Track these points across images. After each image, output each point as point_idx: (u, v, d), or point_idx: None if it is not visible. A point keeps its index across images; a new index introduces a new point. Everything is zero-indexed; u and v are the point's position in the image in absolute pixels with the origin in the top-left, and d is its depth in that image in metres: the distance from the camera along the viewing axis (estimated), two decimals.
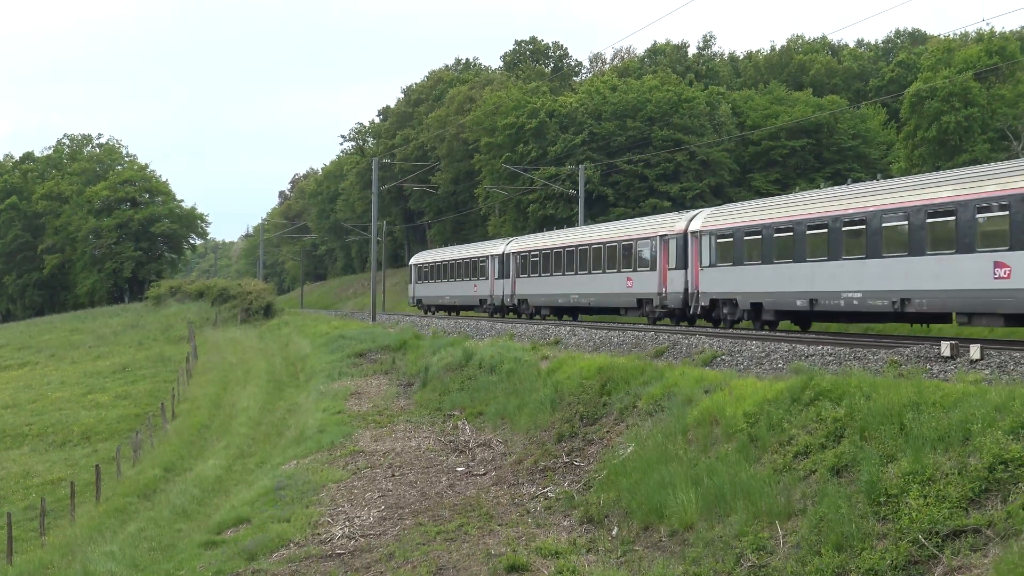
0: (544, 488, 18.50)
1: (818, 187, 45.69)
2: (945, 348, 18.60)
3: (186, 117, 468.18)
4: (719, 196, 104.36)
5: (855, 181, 36.02)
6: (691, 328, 34.97)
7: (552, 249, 49.16)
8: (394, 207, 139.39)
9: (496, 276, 55.13)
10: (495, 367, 29.22)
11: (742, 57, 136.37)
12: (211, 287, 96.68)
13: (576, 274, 46.07)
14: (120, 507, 27.79)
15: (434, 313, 67.13)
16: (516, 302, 52.70)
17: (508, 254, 54.21)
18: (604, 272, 43.22)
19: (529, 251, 51.84)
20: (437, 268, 66.59)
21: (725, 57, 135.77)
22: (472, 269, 59.26)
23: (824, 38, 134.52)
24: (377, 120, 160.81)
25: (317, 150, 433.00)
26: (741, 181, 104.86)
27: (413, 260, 75.75)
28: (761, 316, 32.09)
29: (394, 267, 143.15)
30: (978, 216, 23.31)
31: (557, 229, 62.55)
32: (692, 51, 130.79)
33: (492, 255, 56.13)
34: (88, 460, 39.05)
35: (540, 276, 49.80)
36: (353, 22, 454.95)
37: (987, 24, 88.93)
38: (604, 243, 43.66)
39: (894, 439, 12.45)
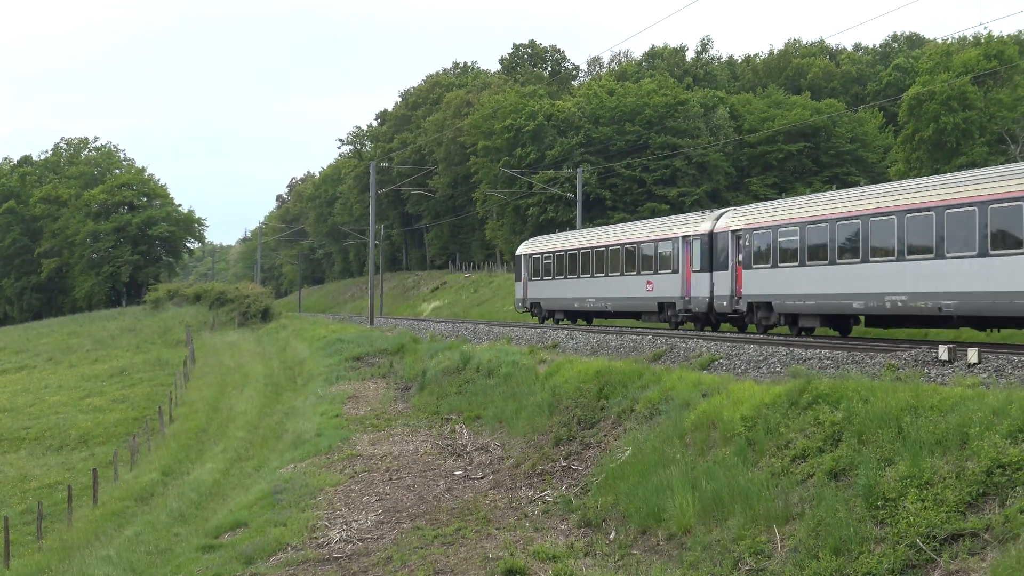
0: (542, 492, 18.49)
1: (817, 191, 44.02)
2: (943, 352, 18.61)
3: (184, 121, 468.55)
4: (716, 200, 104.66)
5: (855, 184, 35.69)
6: (688, 332, 34.85)
7: (841, 217, 28.95)
8: (392, 211, 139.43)
9: (698, 267, 36.38)
10: (493, 371, 29.22)
11: (740, 61, 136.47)
12: (209, 291, 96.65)
13: (915, 259, 26.46)
14: (117, 511, 27.77)
15: (557, 321, 49.03)
16: (745, 307, 33.60)
17: (725, 233, 34.84)
18: (992, 253, 24.02)
19: (776, 225, 31.97)
20: (570, 259, 47.22)
21: (723, 61, 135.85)
22: (641, 258, 40.71)
23: (822, 42, 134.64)
24: (375, 124, 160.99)
25: (315, 154, 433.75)
26: (739, 185, 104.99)
27: (523, 249, 53.78)
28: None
29: (391, 271, 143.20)
30: None
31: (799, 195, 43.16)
32: (690, 55, 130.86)
33: (686, 236, 37.45)
34: (85, 464, 38.99)
35: (804, 266, 30.32)
36: (351, 26, 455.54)
37: (985, 28, 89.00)
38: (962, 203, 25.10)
39: (892, 443, 12.44)
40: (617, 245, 42.97)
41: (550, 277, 49.07)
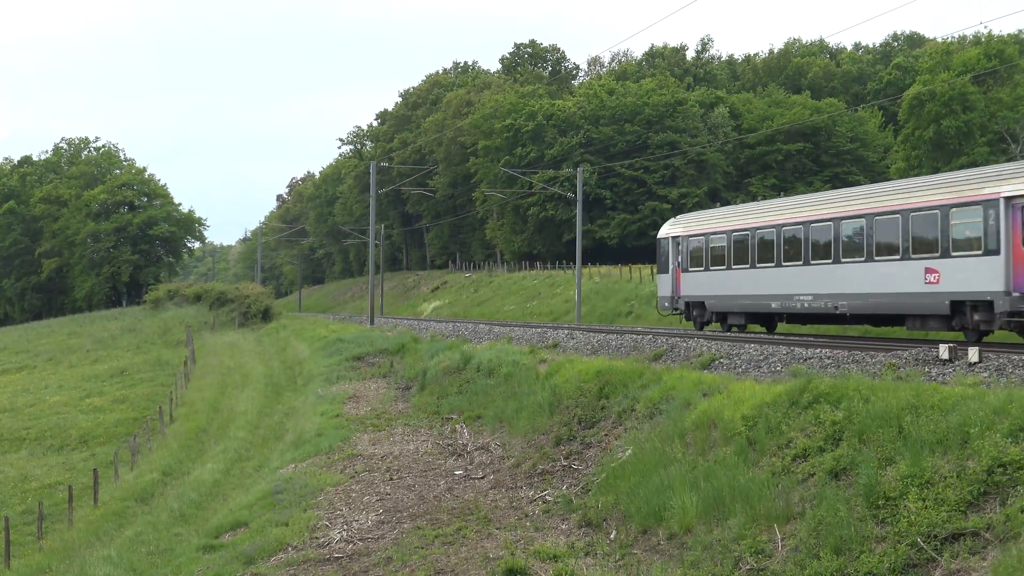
0: (542, 491, 18.49)
1: (818, 191, 41.34)
2: (943, 351, 18.61)
3: (184, 121, 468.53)
4: (715, 200, 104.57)
5: (856, 184, 33.00)
6: (689, 331, 34.71)
7: None
8: (392, 210, 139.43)
9: None
10: (493, 370, 29.22)
11: (740, 60, 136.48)
12: (209, 291, 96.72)
13: None
14: (118, 511, 27.77)
15: (729, 328, 35.72)
16: None
17: None
18: None
19: None
20: (761, 238, 33.43)
21: (723, 60, 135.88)
22: (912, 234, 26.79)
23: (822, 41, 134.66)
24: (375, 124, 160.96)
25: (315, 154, 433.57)
26: (738, 185, 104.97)
27: (672, 229, 38.79)
28: None
29: (392, 271, 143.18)
30: None
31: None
32: (690, 54, 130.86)
33: (1013, 197, 23.80)
34: (86, 464, 38.98)
35: None
36: (351, 26, 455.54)
37: (985, 27, 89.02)
38: None
39: (892, 442, 12.43)
40: (858, 215, 29.06)
41: (723, 266, 35.25)
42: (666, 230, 39.07)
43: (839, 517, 11.63)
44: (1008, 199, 23.92)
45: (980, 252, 24.68)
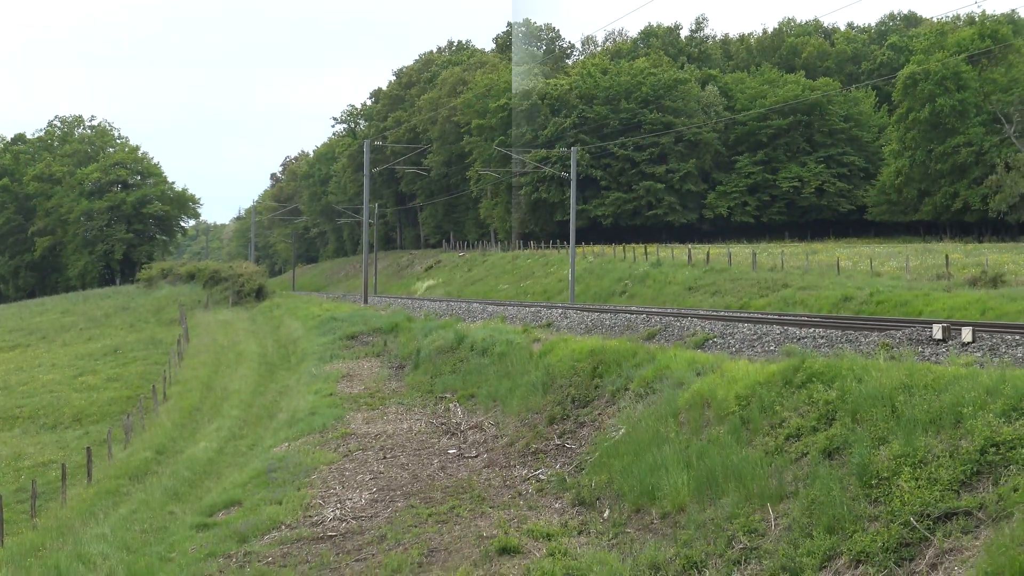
0: (536, 470, 18.50)
1: (812, 172, 41.67)
2: (937, 331, 18.62)
3: (178, 99, 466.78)
4: (705, 180, 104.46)
5: (850, 164, 33.80)
6: (683, 311, 34.81)
7: None
8: (386, 189, 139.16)
9: None
10: (487, 349, 29.22)
11: (735, 40, 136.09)
12: (203, 269, 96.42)
13: None
14: (112, 489, 27.74)
15: None
16: None
17: None
18: None
19: None
20: None
21: (717, 39, 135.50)
22: None
23: (817, 21, 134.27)
24: (369, 102, 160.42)
25: (309, 133, 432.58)
26: (728, 164, 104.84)
27: None
28: None
29: (386, 250, 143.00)
30: None
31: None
32: (685, 33, 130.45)
33: None
34: (79, 442, 38.97)
35: None
36: (345, 5, 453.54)
37: (979, 7, 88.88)
38: None
39: (886, 421, 12.44)
40: None
41: None
42: None
43: (832, 496, 11.64)
44: None
45: None
